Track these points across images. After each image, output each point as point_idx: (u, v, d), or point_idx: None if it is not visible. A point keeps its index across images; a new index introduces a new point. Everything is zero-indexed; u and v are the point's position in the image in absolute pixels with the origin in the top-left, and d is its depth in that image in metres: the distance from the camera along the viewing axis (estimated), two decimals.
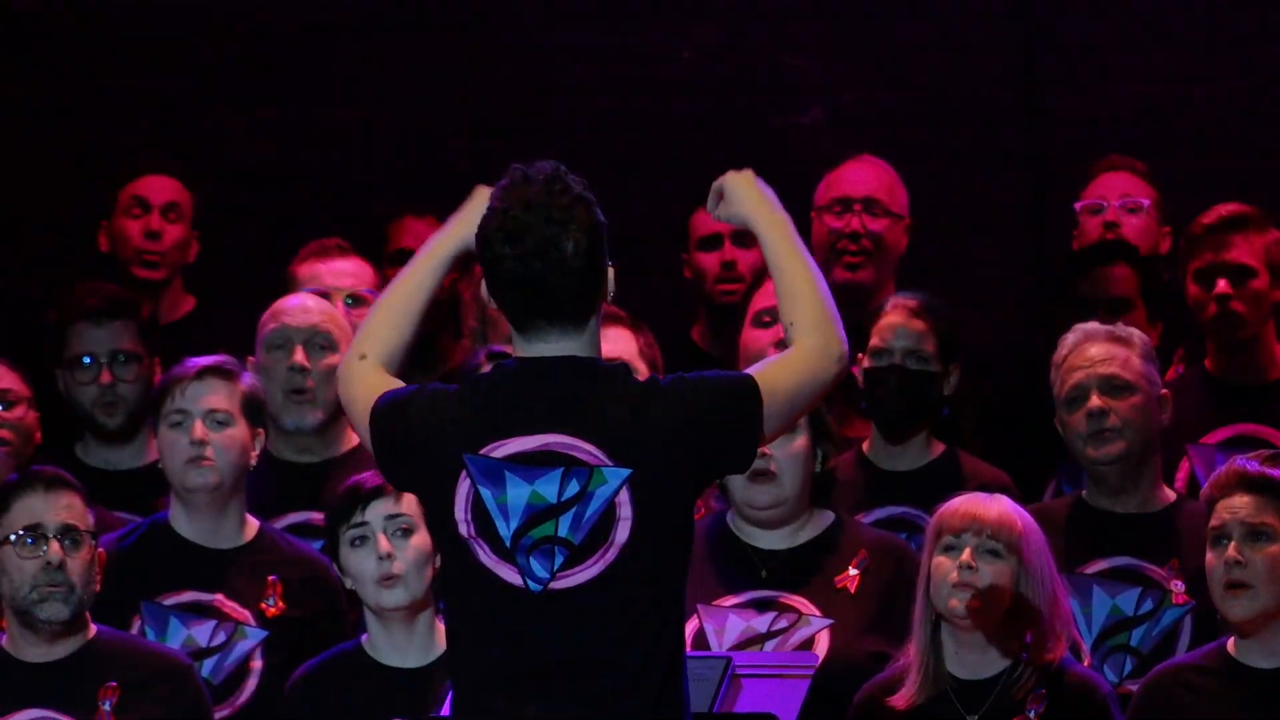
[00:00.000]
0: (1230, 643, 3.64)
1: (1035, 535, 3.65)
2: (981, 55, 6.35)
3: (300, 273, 5.12)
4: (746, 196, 3.00)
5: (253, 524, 4.17)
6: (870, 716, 3.68)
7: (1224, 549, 3.55)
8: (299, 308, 4.56)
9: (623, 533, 2.78)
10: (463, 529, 2.80)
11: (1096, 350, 4.08)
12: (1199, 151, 6.24)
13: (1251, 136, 6.29)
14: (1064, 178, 6.08)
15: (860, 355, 4.51)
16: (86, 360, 4.66)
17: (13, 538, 3.75)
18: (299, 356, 4.46)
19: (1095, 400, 4.02)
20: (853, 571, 3.98)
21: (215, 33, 6.50)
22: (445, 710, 3.34)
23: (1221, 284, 4.58)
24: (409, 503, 3.73)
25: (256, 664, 4.06)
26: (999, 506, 3.66)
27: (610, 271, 2.87)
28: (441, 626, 3.78)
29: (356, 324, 4.71)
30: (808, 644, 3.91)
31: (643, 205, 5.90)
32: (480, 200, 2.93)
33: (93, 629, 3.84)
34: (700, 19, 6.51)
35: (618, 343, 4.26)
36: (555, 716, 2.77)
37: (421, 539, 3.80)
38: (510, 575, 2.79)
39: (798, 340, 2.90)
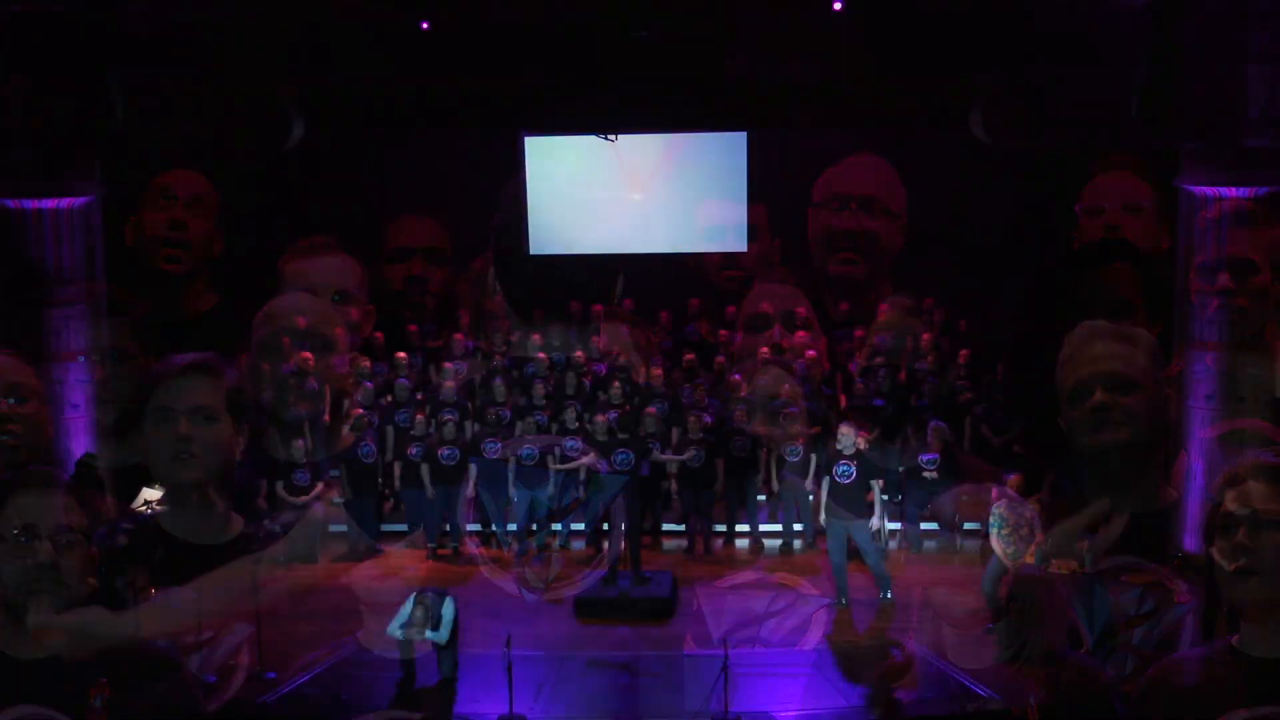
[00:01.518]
0: (1235, 639, 3.62)
1: None
2: (982, 55, 6.35)
3: (287, 270, 5.13)
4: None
5: (238, 520, 4.15)
6: (877, 705, 3.70)
7: (1234, 535, 3.55)
8: (291, 309, 4.55)
9: (618, 540, 2.79)
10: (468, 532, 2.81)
11: (1101, 348, 4.07)
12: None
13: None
14: (1064, 178, 6.07)
15: (857, 354, 4.51)
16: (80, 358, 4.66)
17: (6, 536, 3.73)
18: (297, 360, 4.44)
19: (1099, 395, 4.01)
20: None
21: (218, 34, 6.50)
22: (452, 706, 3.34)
23: (1224, 278, 4.56)
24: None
25: (244, 658, 4.05)
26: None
27: (620, 277, 2.88)
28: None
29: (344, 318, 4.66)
30: (806, 622, 3.92)
31: None
32: None
33: None
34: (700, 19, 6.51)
35: (614, 338, 4.26)
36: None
37: None
38: (507, 584, 2.79)
39: None
